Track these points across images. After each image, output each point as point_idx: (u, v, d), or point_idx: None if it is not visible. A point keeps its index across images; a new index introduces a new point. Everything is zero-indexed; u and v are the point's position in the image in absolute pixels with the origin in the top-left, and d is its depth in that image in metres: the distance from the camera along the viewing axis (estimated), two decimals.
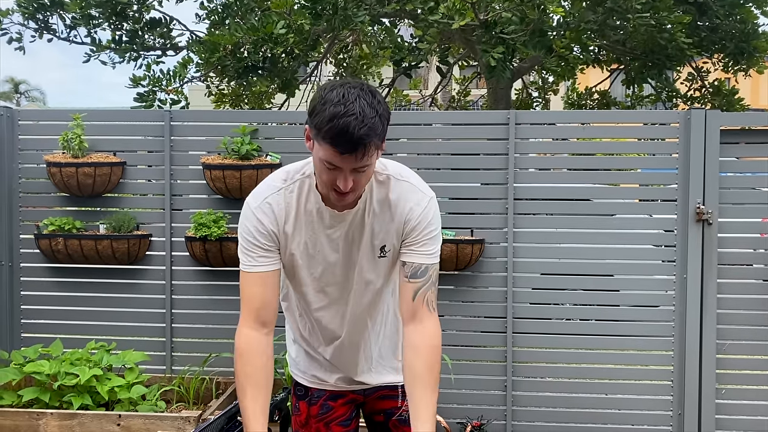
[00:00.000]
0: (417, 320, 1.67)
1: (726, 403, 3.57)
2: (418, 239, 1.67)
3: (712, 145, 3.48)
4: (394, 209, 1.66)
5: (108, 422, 3.11)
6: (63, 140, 3.66)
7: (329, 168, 1.50)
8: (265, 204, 1.64)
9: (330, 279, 1.72)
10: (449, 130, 3.83)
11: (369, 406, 1.92)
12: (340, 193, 1.53)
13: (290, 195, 1.64)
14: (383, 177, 1.66)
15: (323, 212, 1.64)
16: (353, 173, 1.50)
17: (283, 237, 1.65)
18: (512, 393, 3.66)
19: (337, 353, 1.82)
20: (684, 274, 3.53)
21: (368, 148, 1.44)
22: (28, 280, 3.87)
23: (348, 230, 1.66)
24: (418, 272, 1.67)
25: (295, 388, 1.92)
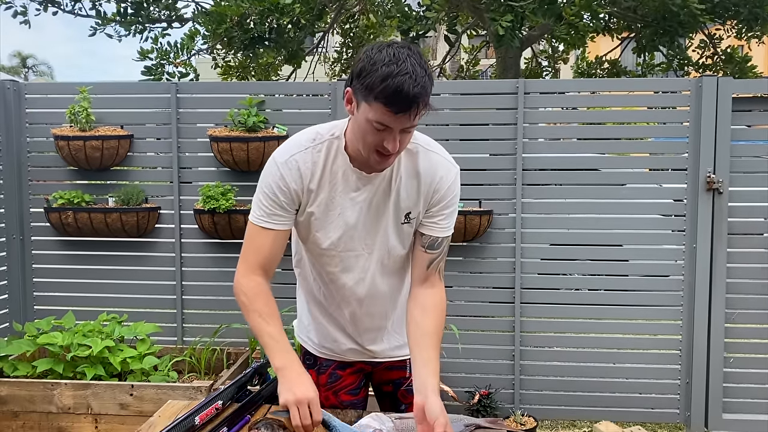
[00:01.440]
0: (428, 284, 1.72)
1: (734, 372, 3.57)
2: (441, 212, 1.69)
3: (723, 113, 3.43)
4: (422, 179, 1.66)
5: (121, 392, 3.15)
6: (70, 113, 3.66)
7: (378, 129, 1.48)
8: (291, 160, 1.62)
9: (349, 243, 1.70)
10: (458, 99, 3.79)
11: (377, 377, 1.93)
12: (383, 155, 1.53)
13: (318, 154, 1.62)
14: (412, 146, 1.66)
15: (349, 174, 1.63)
16: (401, 134, 1.49)
17: (306, 195, 1.64)
18: (520, 362, 3.68)
19: (351, 320, 1.82)
20: (693, 243, 3.51)
21: (420, 107, 1.44)
22: (39, 254, 3.90)
23: (373, 195, 1.65)
24: (435, 244, 1.70)
25: (305, 357, 1.93)
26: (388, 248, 1.72)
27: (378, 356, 1.88)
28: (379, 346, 1.86)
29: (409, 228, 1.71)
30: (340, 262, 1.72)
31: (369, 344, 1.86)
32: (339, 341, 1.86)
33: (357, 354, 1.87)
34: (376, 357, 1.88)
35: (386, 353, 1.88)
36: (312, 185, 1.63)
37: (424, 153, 1.67)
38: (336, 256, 1.71)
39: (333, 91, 3.64)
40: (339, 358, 1.88)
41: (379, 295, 1.79)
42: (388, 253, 1.72)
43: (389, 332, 1.86)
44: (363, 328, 1.83)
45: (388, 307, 1.83)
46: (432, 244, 1.70)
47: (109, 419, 3.16)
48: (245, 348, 3.72)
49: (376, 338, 1.85)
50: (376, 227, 1.69)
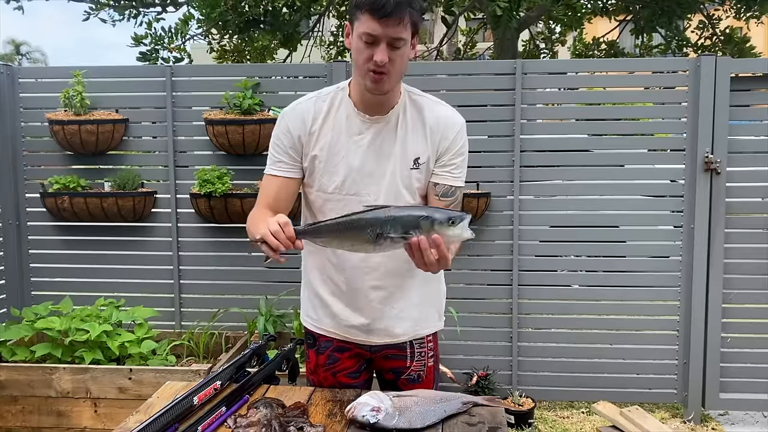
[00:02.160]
0: None
1: (731, 352, 3.59)
2: (452, 161, 1.73)
3: (721, 93, 3.42)
4: (428, 127, 1.72)
5: (119, 376, 3.16)
6: (64, 98, 3.64)
7: (367, 42, 1.57)
8: (296, 107, 1.74)
9: (353, 186, 1.70)
10: (455, 80, 3.77)
11: (377, 364, 1.92)
12: (376, 74, 1.59)
13: (322, 103, 1.73)
14: (417, 96, 1.75)
15: (353, 117, 1.70)
16: (389, 48, 1.57)
17: (308, 138, 1.71)
18: (518, 344, 3.69)
19: (353, 287, 1.78)
20: (691, 224, 3.51)
21: (404, 15, 1.54)
22: (35, 239, 3.89)
23: (377, 138, 1.70)
24: (449, 192, 1.75)
25: (306, 336, 1.94)
26: (395, 194, 1.71)
27: (377, 335, 1.84)
28: (379, 324, 1.82)
29: (419, 174, 1.72)
30: (345, 206, 1.70)
31: (368, 317, 1.81)
32: (339, 315, 1.83)
33: (356, 331, 1.83)
34: (374, 338, 1.84)
35: (385, 332, 1.83)
36: (314, 128, 1.71)
37: (429, 104, 1.75)
38: (341, 200, 1.72)
39: (329, 72, 3.61)
40: (338, 335, 1.86)
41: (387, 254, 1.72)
42: (395, 200, 1.71)
43: (393, 305, 1.81)
44: (367, 297, 1.79)
45: (399, 274, 1.79)
46: (446, 192, 1.74)
47: (108, 403, 3.16)
48: (243, 332, 3.72)
49: (376, 311, 1.81)
50: (382, 171, 1.70)
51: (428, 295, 1.89)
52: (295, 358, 2.01)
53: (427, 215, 1.48)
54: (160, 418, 1.43)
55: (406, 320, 1.84)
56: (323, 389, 1.78)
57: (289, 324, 3.64)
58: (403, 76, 1.70)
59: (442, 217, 1.48)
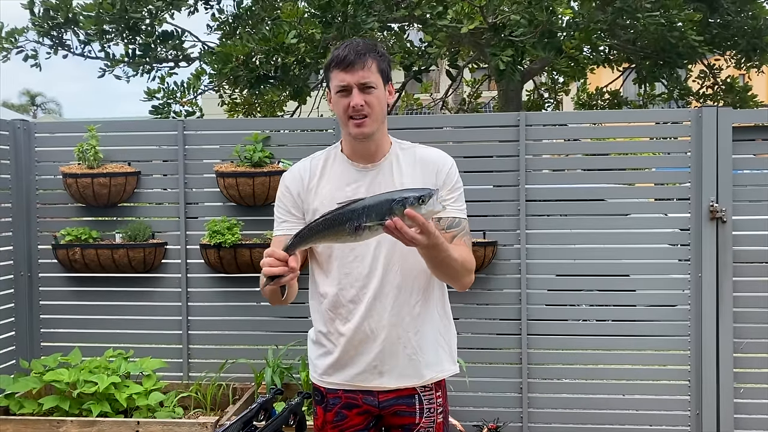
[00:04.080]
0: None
1: (745, 402, 3.53)
2: (450, 195, 1.81)
3: (724, 142, 3.46)
4: (423, 167, 1.83)
5: (127, 429, 3.14)
6: (78, 151, 3.72)
7: (341, 94, 1.73)
8: (293, 169, 1.89)
9: None
10: (460, 133, 3.84)
11: (386, 421, 1.90)
12: (357, 117, 1.72)
13: (317, 162, 1.87)
14: (407, 146, 1.89)
15: (348, 169, 1.82)
16: (362, 93, 1.71)
17: (306, 194, 1.82)
18: (528, 395, 3.65)
19: (360, 329, 1.79)
20: (699, 272, 3.50)
21: (367, 60, 1.72)
22: (46, 290, 3.93)
23: (373, 182, 1.79)
24: (454, 224, 1.81)
25: (314, 393, 1.94)
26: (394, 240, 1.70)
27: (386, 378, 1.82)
28: (388, 366, 1.81)
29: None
30: (351, 251, 1.79)
31: (375, 361, 1.81)
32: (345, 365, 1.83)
33: (365, 375, 1.82)
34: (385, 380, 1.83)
35: (395, 374, 1.82)
36: (312, 185, 1.82)
37: (420, 149, 1.89)
38: (346, 246, 1.78)
39: (336, 125, 3.69)
40: (347, 386, 1.85)
41: (391, 295, 1.78)
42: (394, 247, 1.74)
43: (402, 347, 1.81)
44: (372, 342, 1.80)
45: (402, 315, 1.79)
46: (451, 225, 1.81)
47: None
48: (251, 383, 3.71)
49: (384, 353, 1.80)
50: None
51: (441, 337, 1.89)
52: (303, 412, 2.02)
53: (397, 198, 1.55)
54: None
55: (418, 361, 1.83)
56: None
57: (296, 375, 3.63)
58: (386, 119, 1.82)
59: (412, 196, 1.55)
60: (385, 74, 1.76)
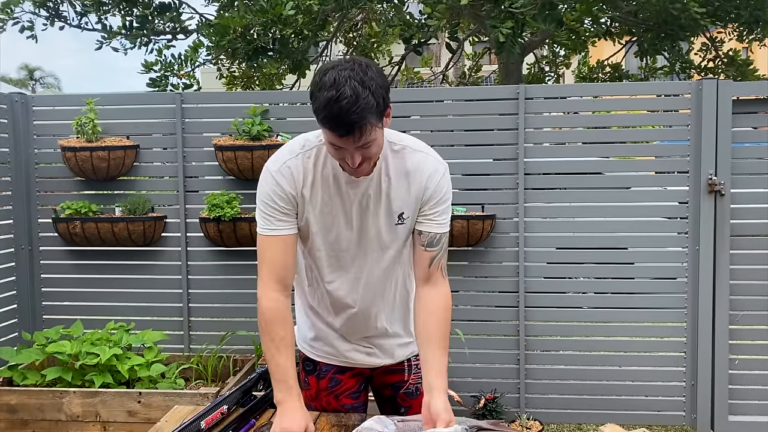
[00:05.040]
0: (431, 284, 1.74)
1: (739, 374, 3.58)
2: (435, 209, 1.72)
3: (724, 115, 3.45)
4: (411, 178, 1.69)
5: (129, 399, 3.18)
6: (77, 125, 3.72)
7: (335, 148, 1.54)
8: (284, 167, 1.67)
9: (344, 245, 1.73)
10: (460, 106, 3.83)
11: (377, 381, 1.95)
12: (352, 168, 1.57)
13: (308, 160, 1.67)
14: (398, 147, 1.70)
15: (339, 177, 1.67)
16: (359, 150, 1.53)
17: (301, 200, 1.68)
18: (525, 366, 3.69)
19: (348, 324, 1.84)
20: (696, 246, 3.52)
21: (364, 128, 1.47)
22: (47, 263, 3.95)
23: (363, 197, 1.69)
24: (434, 241, 1.73)
25: (304, 363, 1.95)
26: (382, 248, 1.74)
27: (378, 360, 1.88)
28: (378, 350, 1.88)
29: (404, 229, 1.74)
30: (336, 262, 1.75)
31: (368, 348, 1.87)
32: (337, 347, 1.88)
33: (356, 355, 1.88)
34: (376, 359, 1.88)
35: (386, 355, 1.89)
36: (305, 191, 1.67)
37: (410, 153, 1.71)
38: (333, 257, 1.75)
39: None
40: (339, 362, 1.89)
41: (373, 297, 1.81)
42: (383, 254, 1.75)
43: (388, 335, 1.87)
44: (361, 332, 1.85)
45: (385, 309, 1.84)
46: (431, 242, 1.73)
47: (117, 426, 3.18)
48: (251, 355, 3.75)
49: (374, 342, 1.87)
50: (369, 228, 1.72)
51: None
52: None
53: None
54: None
55: (405, 340, 1.90)
56: (328, 414, 1.80)
57: None
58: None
59: None
60: (381, 115, 1.52)
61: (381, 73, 1.53)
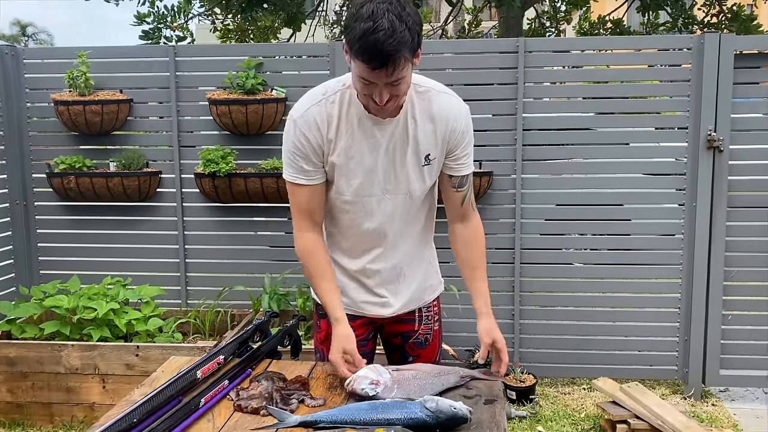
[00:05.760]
0: (466, 219, 1.88)
1: (732, 329, 3.61)
2: (464, 151, 1.78)
3: (725, 70, 3.40)
4: (437, 121, 1.72)
5: (127, 353, 3.21)
6: (69, 78, 3.65)
7: (365, 83, 1.55)
8: (307, 114, 1.68)
9: (370, 188, 1.74)
10: (459, 59, 3.76)
11: (387, 329, 1.97)
12: (379, 105, 1.59)
13: (332, 105, 1.68)
14: (423, 89, 1.72)
15: (365, 121, 1.68)
16: (388, 87, 1.54)
17: (326, 145, 1.70)
18: (520, 321, 3.72)
19: (367, 271, 1.84)
20: (693, 202, 3.51)
21: (398, 61, 1.49)
22: (43, 219, 3.94)
23: (390, 139, 1.71)
24: (463, 181, 1.81)
25: (317, 308, 1.98)
26: (410, 191, 1.77)
27: (391, 309, 1.89)
28: (393, 299, 1.88)
29: (430, 170, 1.76)
30: (362, 208, 1.77)
31: (383, 297, 1.88)
32: (353, 297, 1.88)
33: (370, 306, 1.88)
34: (389, 309, 1.89)
35: (398, 304, 1.90)
36: (330, 135, 1.69)
37: (435, 95, 1.73)
38: (358, 202, 1.76)
39: (332, 51, 3.61)
40: (351, 311, 1.89)
41: (398, 242, 1.83)
42: (410, 197, 1.78)
43: (405, 282, 1.88)
44: (380, 279, 1.86)
45: (407, 256, 1.86)
46: (461, 182, 1.81)
47: (115, 379, 3.22)
48: (249, 310, 3.77)
49: (389, 289, 1.87)
50: (397, 171, 1.74)
51: (430, 264, 1.97)
52: (298, 334, 2.06)
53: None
54: (164, 391, 1.47)
55: (417, 291, 1.92)
56: (324, 363, 1.82)
57: (293, 302, 3.68)
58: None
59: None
60: (414, 51, 1.53)
61: (416, 12, 1.54)
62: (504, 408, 1.56)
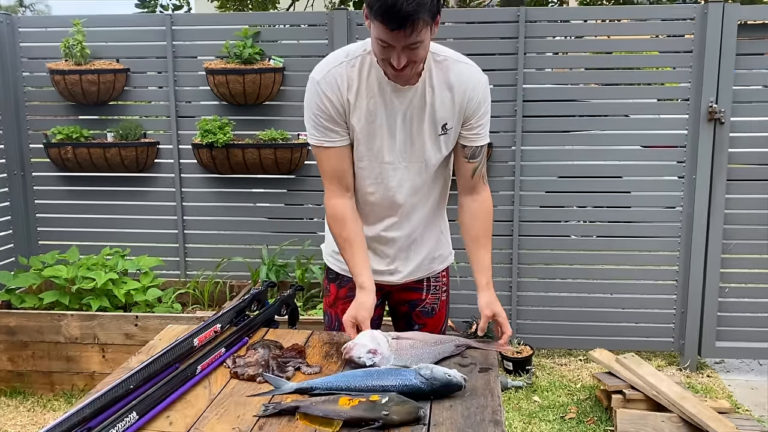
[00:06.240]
0: (475, 192, 1.86)
1: (729, 302, 3.62)
2: (479, 122, 1.77)
3: (728, 41, 3.36)
4: (455, 90, 1.71)
5: (126, 323, 3.23)
6: (64, 47, 3.61)
7: (383, 46, 1.54)
8: (329, 76, 1.68)
9: (387, 155, 1.74)
10: (460, 29, 3.72)
11: (395, 297, 1.98)
12: (396, 70, 1.57)
13: (352, 69, 1.68)
14: (441, 58, 1.71)
15: (384, 86, 1.68)
16: (406, 51, 1.53)
17: (347, 106, 1.69)
18: (517, 293, 3.73)
19: (382, 238, 1.84)
20: (693, 174, 3.50)
21: (417, 23, 1.48)
22: (40, 189, 3.93)
23: (408, 107, 1.70)
24: (476, 152, 1.80)
25: (328, 272, 1.99)
26: (425, 159, 1.76)
27: (399, 275, 1.90)
28: (402, 266, 1.89)
29: (446, 139, 1.76)
30: (378, 174, 1.76)
31: (393, 264, 1.88)
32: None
33: (379, 274, 1.88)
34: (398, 276, 1.90)
35: (408, 273, 1.90)
36: (350, 97, 1.68)
37: (453, 64, 1.73)
38: (375, 168, 1.76)
39: (330, 20, 3.56)
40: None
41: (412, 209, 1.83)
42: (426, 165, 1.77)
43: (415, 251, 1.89)
44: (391, 246, 1.86)
45: (420, 224, 1.86)
46: (473, 154, 1.80)
47: (115, 348, 3.25)
48: (247, 281, 3.78)
49: (400, 256, 1.88)
50: (414, 139, 1.74)
51: (442, 233, 1.97)
52: (295, 303, 2.06)
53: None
54: (161, 359, 1.48)
55: (426, 260, 1.92)
56: (320, 332, 1.83)
57: (291, 274, 3.69)
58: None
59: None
60: (434, 16, 1.52)
61: None
62: (498, 376, 1.57)
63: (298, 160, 3.62)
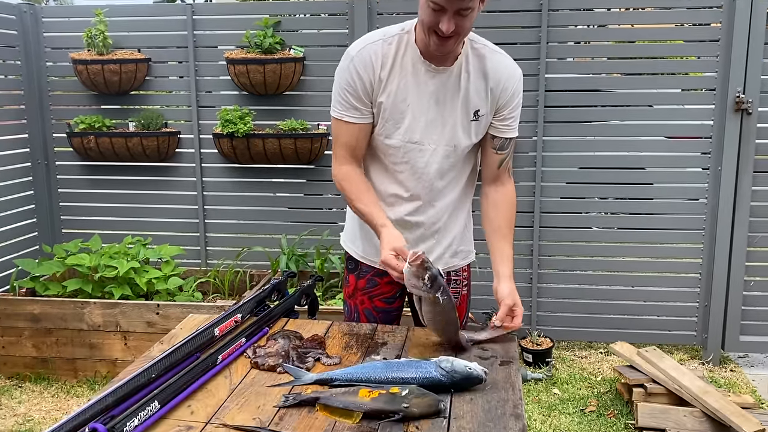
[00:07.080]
0: (499, 183, 1.86)
1: (753, 295, 3.57)
2: (512, 114, 1.77)
3: (756, 29, 3.28)
4: (490, 79, 1.72)
5: (147, 311, 3.26)
6: (87, 37, 3.64)
7: (434, 9, 1.54)
8: (364, 51, 1.70)
9: (415, 135, 1.74)
10: (481, 18, 3.64)
11: None
12: (441, 38, 1.58)
13: (389, 47, 1.70)
14: (479, 46, 1.74)
15: (419, 66, 1.70)
16: (456, 16, 1.54)
17: (377, 85, 1.70)
18: (537, 285, 3.71)
19: (404, 221, 1.83)
20: (719, 166, 3.44)
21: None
22: (64, 178, 3.97)
23: (441, 88, 1.71)
24: (505, 145, 1.80)
25: (347, 262, 1.98)
26: (455, 144, 1.76)
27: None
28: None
29: (477, 126, 1.76)
30: (406, 153, 1.76)
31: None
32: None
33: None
34: None
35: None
36: (383, 74, 1.69)
37: (490, 53, 1.74)
38: (402, 147, 1.76)
39: (350, 9, 3.55)
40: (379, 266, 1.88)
41: (439, 196, 1.82)
42: (454, 149, 1.77)
43: (438, 241, 1.88)
44: (414, 231, 1.85)
45: (444, 212, 1.85)
46: (502, 145, 1.80)
47: (137, 336, 3.28)
48: (267, 270, 3.80)
49: (420, 246, 1.85)
50: (444, 121, 1.73)
51: (466, 228, 1.96)
52: (315, 293, 2.06)
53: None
54: (183, 348, 1.49)
55: (448, 254, 1.91)
56: (340, 323, 1.83)
57: (311, 263, 3.70)
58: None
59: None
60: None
61: None
62: (519, 369, 1.55)
63: (318, 150, 3.62)
